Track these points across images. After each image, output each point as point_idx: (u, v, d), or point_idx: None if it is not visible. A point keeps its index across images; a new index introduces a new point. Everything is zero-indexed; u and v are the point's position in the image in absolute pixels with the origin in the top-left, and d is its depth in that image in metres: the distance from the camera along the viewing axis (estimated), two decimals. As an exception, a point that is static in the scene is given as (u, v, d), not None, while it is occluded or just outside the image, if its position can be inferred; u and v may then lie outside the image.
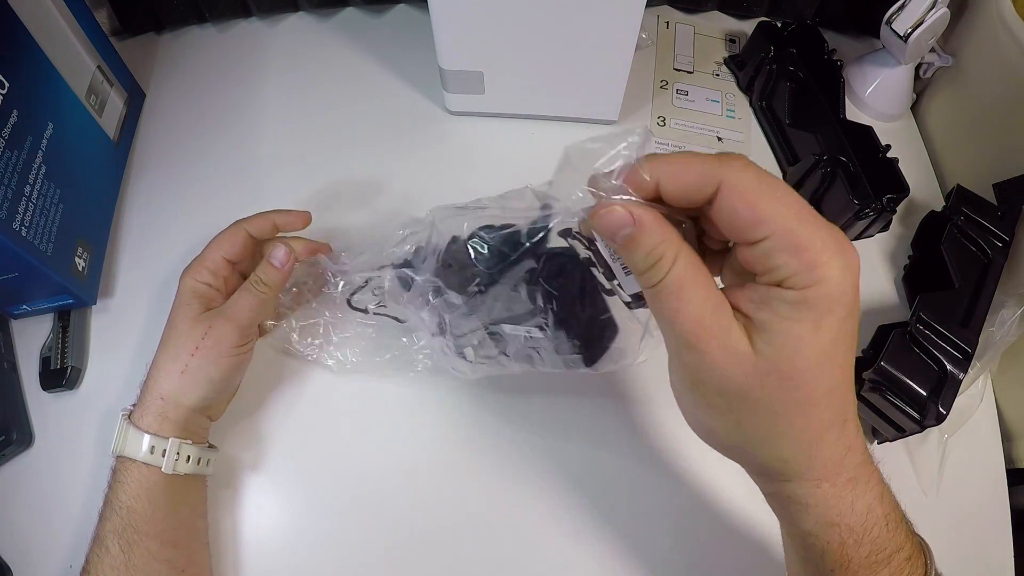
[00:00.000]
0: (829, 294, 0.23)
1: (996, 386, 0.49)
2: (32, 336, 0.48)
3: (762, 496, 0.29)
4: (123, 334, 0.48)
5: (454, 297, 0.36)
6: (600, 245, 0.28)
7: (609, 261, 0.28)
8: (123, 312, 0.49)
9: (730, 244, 0.27)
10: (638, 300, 0.29)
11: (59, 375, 0.46)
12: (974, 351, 0.43)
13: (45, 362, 0.46)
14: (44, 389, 0.46)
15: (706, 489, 0.44)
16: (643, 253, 0.25)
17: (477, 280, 0.35)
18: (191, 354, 0.39)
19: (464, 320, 0.36)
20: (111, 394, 0.46)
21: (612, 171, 0.25)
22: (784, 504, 0.28)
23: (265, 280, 0.41)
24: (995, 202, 0.50)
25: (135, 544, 0.36)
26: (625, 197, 0.25)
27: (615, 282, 0.29)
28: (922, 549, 0.29)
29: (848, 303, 0.24)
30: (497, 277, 0.34)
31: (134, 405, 0.40)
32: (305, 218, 0.45)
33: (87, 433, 0.45)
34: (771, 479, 0.28)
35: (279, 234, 0.44)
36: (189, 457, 0.39)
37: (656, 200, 0.25)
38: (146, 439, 0.38)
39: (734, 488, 0.44)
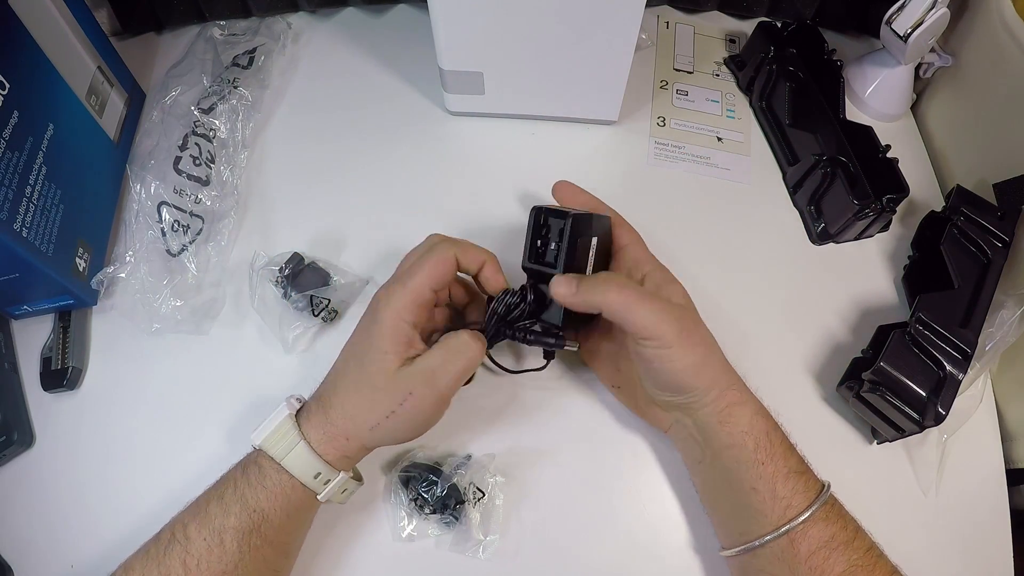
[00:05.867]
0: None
1: (996, 386, 0.49)
2: (33, 336, 0.48)
3: None
4: (123, 334, 0.48)
5: None
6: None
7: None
8: (123, 313, 0.49)
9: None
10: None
11: (60, 375, 0.46)
12: (974, 351, 0.43)
13: (46, 362, 0.46)
14: (45, 389, 0.46)
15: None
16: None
17: None
18: (386, 416, 0.36)
19: None
20: (111, 394, 0.46)
21: None
22: (727, 412, 0.38)
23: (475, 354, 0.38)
24: (995, 202, 0.50)
25: (256, 549, 0.35)
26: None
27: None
28: (818, 480, 0.38)
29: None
30: None
31: (299, 402, 0.38)
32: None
33: (87, 433, 0.45)
34: (714, 398, 0.38)
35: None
36: (345, 490, 0.38)
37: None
38: (316, 465, 0.36)
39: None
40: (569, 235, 0.39)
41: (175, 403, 0.46)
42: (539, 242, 0.40)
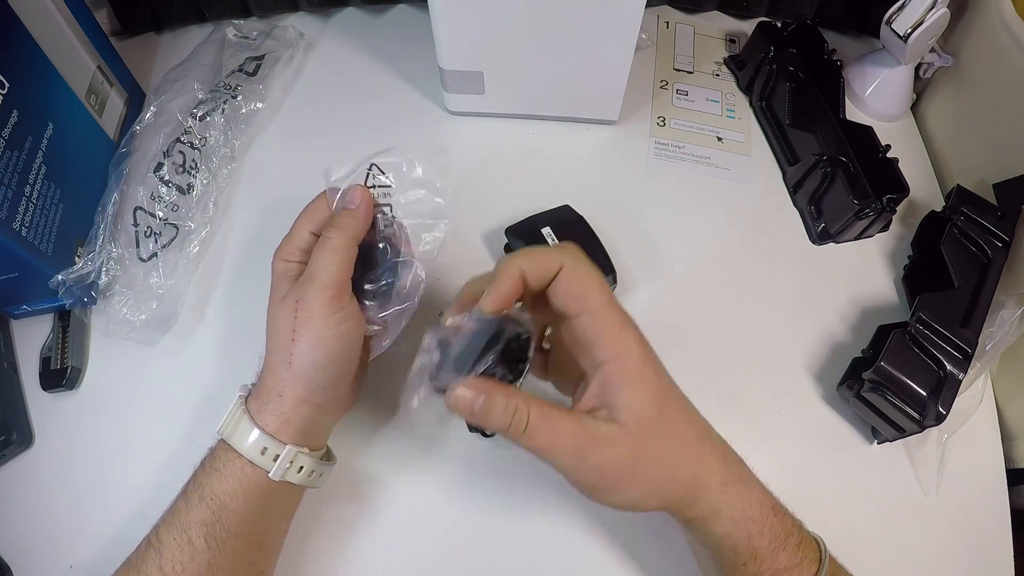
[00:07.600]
0: (635, 357, 0.31)
1: (996, 386, 0.49)
2: (32, 336, 0.48)
3: None
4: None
5: None
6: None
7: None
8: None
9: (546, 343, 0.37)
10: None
11: (59, 375, 0.46)
12: (974, 351, 0.43)
13: (45, 362, 0.46)
14: (44, 389, 0.46)
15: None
16: (499, 412, 0.30)
17: None
18: (292, 340, 0.35)
19: None
20: (111, 394, 0.46)
21: None
22: (702, 521, 0.33)
23: (339, 224, 0.36)
24: (995, 202, 0.50)
25: (223, 543, 0.33)
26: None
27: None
28: (814, 540, 0.34)
29: (649, 361, 0.32)
30: None
31: (253, 385, 0.37)
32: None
33: (87, 433, 0.45)
34: (690, 504, 0.32)
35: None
36: (302, 468, 0.36)
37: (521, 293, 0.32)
38: (261, 439, 0.34)
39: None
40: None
41: (175, 403, 0.46)
42: None
